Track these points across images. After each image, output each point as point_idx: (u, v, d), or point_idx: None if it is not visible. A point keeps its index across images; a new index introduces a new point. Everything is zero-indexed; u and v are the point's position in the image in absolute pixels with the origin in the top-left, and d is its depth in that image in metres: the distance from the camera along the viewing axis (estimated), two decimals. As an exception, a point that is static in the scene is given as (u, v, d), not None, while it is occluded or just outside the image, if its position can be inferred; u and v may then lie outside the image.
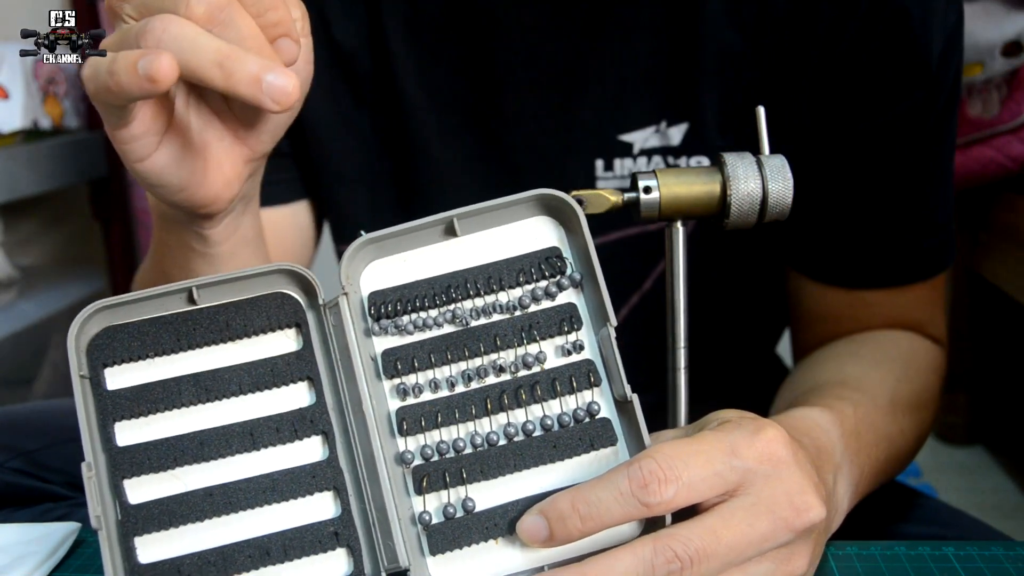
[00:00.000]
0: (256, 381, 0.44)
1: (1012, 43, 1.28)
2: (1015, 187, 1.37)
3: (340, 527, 0.43)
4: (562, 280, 0.45)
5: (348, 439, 0.44)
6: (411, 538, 0.42)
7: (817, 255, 0.69)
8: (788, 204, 0.49)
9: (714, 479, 0.40)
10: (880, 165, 0.65)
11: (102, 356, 0.43)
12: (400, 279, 0.45)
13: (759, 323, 0.80)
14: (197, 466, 0.43)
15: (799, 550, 0.42)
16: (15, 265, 1.61)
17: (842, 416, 0.54)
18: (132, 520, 0.42)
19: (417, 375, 0.45)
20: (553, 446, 0.43)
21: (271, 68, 0.40)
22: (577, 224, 0.45)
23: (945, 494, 1.54)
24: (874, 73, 0.62)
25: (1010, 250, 1.39)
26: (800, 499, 0.41)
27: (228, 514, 0.42)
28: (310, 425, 0.44)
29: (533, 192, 0.45)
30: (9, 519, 0.67)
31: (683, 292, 0.50)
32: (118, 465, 0.42)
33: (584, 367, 0.44)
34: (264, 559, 0.42)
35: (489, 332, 0.45)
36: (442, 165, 0.70)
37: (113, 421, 0.43)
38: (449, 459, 0.43)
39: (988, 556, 0.50)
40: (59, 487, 0.69)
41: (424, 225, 0.45)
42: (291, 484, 0.43)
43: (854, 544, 0.51)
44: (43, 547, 0.50)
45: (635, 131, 0.66)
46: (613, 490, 0.39)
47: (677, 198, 0.49)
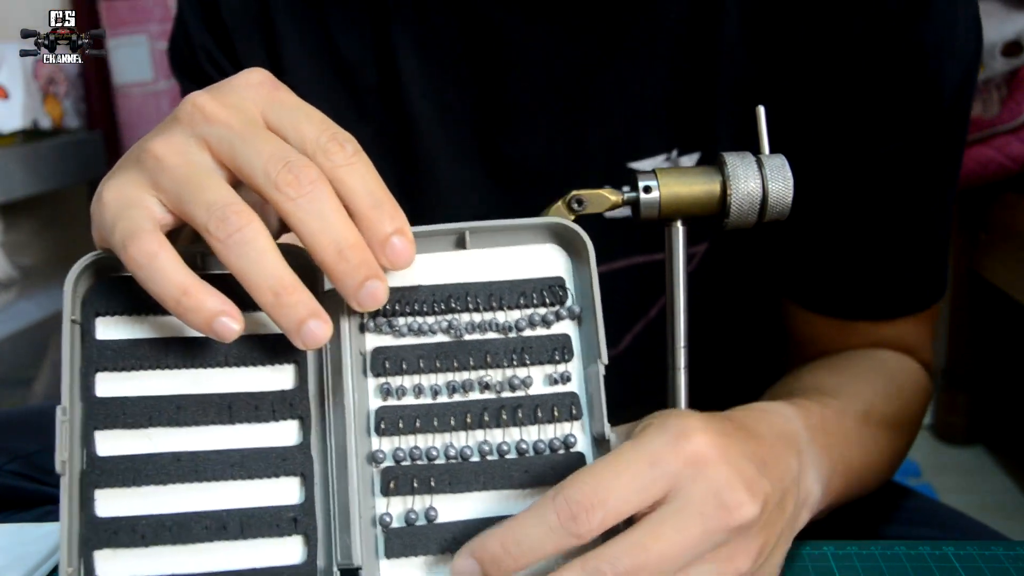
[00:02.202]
0: (243, 355, 0.44)
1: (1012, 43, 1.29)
2: (1015, 187, 1.37)
3: (300, 514, 0.42)
4: (561, 310, 0.46)
5: (324, 429, 0.44)
6: (368, 538, 0.42)
7: (809, 284, 0.69)
8: (788, 204, 0.49)
9: (639, 495, 0.39)
10: (881, 197, 0.64)
11: (96, 305, 0.43)
12: (402, 281, 0.45)
13: (758, 340, 0.80)
14: (170, 430, 0.43)
15: (740, 547, 0.41)
16: (15, 265, 1.60)
17: (807, 411, 0.53)
18: (97, 472, 0.41)
19: (403, 378, 0.45)
20: (525, 471, 0.43)
21: (316, 315, 0.39)
22: (586, 257, 0.45)
23: (945, 494, 1.54)
24: (885, 105, 0.61)
25: (1010, 250, 1.39)
26: (730, 496, 0.40)
27: (192, 482, 0.42)
28: (288, 408, 0.44)
29: (547, 219, 0.46)
30: (8, 521, 0.67)
31: (683, 292, 0.50)
32: (93, 415, 0.42)
33: (568, 399, 0.45)
34: (220, 533, 0.42)
35: (481, 348, 0.45)
36: (448, 182, 0.69)
37: (96, 371, 0.43)
38: (420, 466, 0.43)
39: (988, 556, 0.50)
40: (58, 489, 0.69)
41: (435, 232, 0.45)
42: (260, 463, 0.43)
43: (854, 544, 0.51)
44: (42, 547, 0.51)
45: (645, 159, 0.66)
46: (542, 525, 0.39)
47: (677, 197, 0.49)
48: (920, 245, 0.66)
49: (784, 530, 0.45)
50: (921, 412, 0.68)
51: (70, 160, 1.64)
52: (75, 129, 1.68)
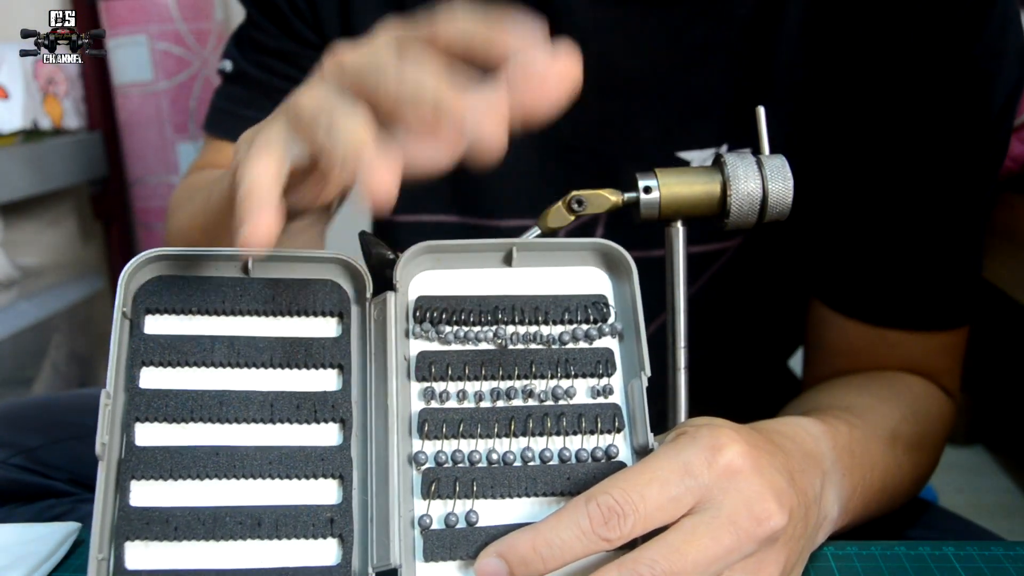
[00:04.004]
0: (288, 357, 0.44)
1: (1012, 43, 1.28)
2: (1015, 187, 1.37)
3: (337, 516, 0.42)
4: (603, 327, 0.46)
5: (365, 433, 0.44)
6: (407, 539, 0.42)
7: (846, 288, 0.69)
8: (788, 204, 0.49)
9: (672, 504, 0.40)
10: (924, 207, 0.64)
11: (147, 302, 0.44)
12: (449, 291, 0.46)
13: (774, 339, 0.80)
14: (212, 425, 0.43)
15: (768, 558, 0.42)
16: (15, 265, 1.60)
17: (836, 432, 0.53)
18: (134, 461, 0.42)
19: (448, 383, 0.45)
20: (567, 478, 0.43)
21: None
22: (628, 276, 0.46)
23: (945, 494, 1.54)
24: (934, 120, 0.62)
25: (1010, 250, 1.39)
26: (760, 507, 0.41)
27: (229, 478, 0.42)
28: (331, 410, 0.44)
29: (594, 240, 0.47)
30: (11, 515, 0.68)
31: (683, 292, 0.50)
32: (135, 405, 0.42)
33: (611, 411, 0.45)
34: (255, 530, 0.41)
35: (526, 358, 0.45)
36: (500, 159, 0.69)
37: (142, 364, 0.43)
38: (462, 469, 0.43)
39: (988, 556, 0.50)
40: (61, 483, 0.69)
41: (483, 247, 0.46)
42: (298, 463, 0.43)
43: (854, 544, 0.51)
44: (43, 547, 0.50)
45: (695, 150, 0.66)
46: (574, 528, 0.39)
47: (677, 198, 0.49)
48: (956, 260, 0.66)
49: (805, 545, 0.46)
50: (943, 439, 0.68)
51: (70, 160, 1.64)
52: (75, 129, 1.68)
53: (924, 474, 0.64)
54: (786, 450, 0.47)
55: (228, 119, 0.75)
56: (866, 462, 0.55)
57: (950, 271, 0.66)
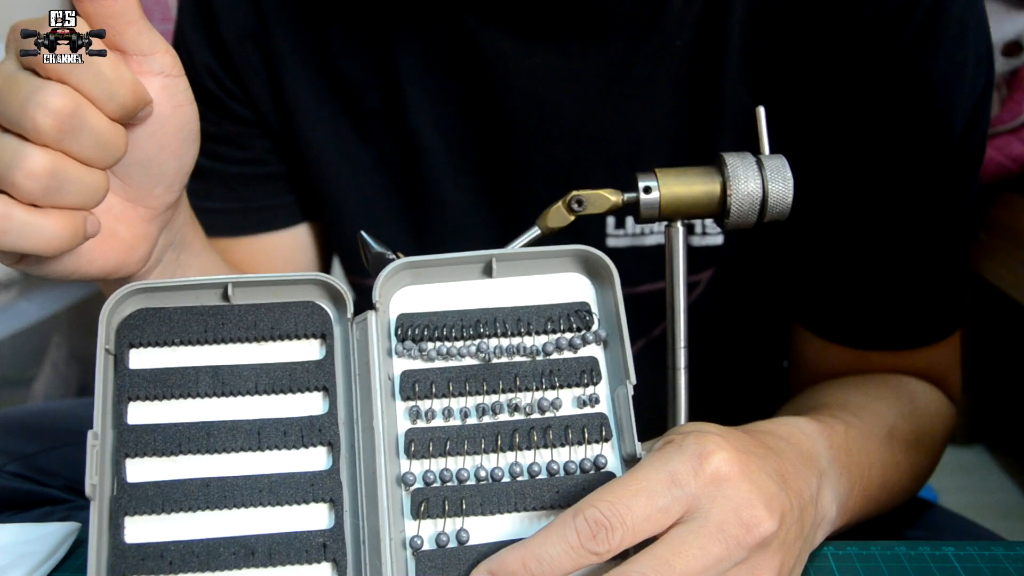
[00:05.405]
0: (273, 383, 0.44)
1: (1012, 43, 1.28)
2: (1015, 187, 1.37)
3: (330, 540, 0.42)
4: (587, 335, 0.46)
5: (353, 454, 0.44)
6: (399, 561, 0.42)
7: (825, 312, 0.68)
8: (788, 204, 0.49)
9: (660, 515, 0.40)
10: (895, 228, 0.63)
11: (130, 336, 0.44)
12: (430, 307, 0.46)
13: (768, 344, 0.79)
14: (200, 456, 0.43)
15: (761, 564, 0.41)
16: (15, 265, 1.60)
17: (832, 431, 0.53)
18: (126, 498, 0.42)
19: (432, 401, 0.45)
20: (556, 491, 0.43)
21: None
22: (610, 282, 0.46)
23: (945, 494, 1.54)
24: (895, 140, 0.61)
25: (1010, 250, 1.39)
26: (748, 514, 0.40)
27: (221, 509, 0.42)
28: (318, 434, 0.44)
29: (574, 246, 0.46)
30: (7, 523, 0.67)
31: (683, 292, 0.50)
32: (124, 442, 0.43)
33: (597, 420, 0.45)
34: (248, 559, 0.42)
35: (510, 371, 0.45)
36: (452, 207, 0.69)
37: (128, 399, 0.43)
38: (451, 487, 0.43)
39: (988, 556, 0.50)
40: (58, 491, 0.69)
41: (463, 259, 0.46)
42: (288, 489, 0.43)
43: (854, 544, 0.51)
44: (42, 547, 0.50)
45: None
46: (562, 543, 0.39)
47: (677, 198, 0.49)
48: (935, 275, 0.65)
49: (803, 547, 0.45)
50: (943, 437, 0.67)
51: (70, 160, 1.63)
52: (75, 129, 1.67)
53: (924, 472, 0.64)
54: (779, 452, 0.46)
55: None
56: (863, 460, 0.54)
57: (931, 288, 0.65)
